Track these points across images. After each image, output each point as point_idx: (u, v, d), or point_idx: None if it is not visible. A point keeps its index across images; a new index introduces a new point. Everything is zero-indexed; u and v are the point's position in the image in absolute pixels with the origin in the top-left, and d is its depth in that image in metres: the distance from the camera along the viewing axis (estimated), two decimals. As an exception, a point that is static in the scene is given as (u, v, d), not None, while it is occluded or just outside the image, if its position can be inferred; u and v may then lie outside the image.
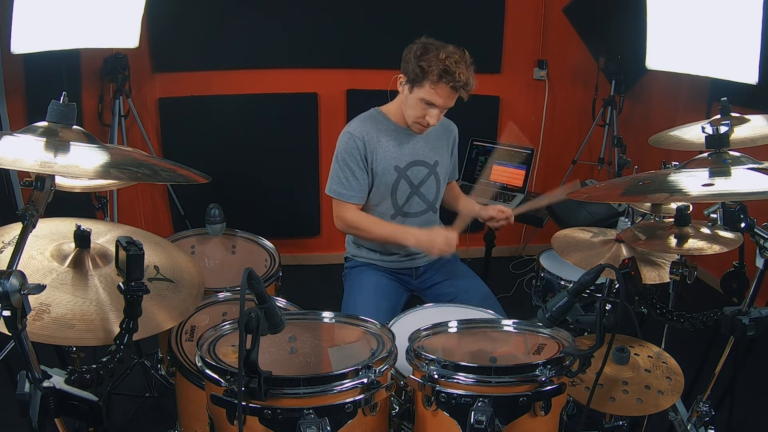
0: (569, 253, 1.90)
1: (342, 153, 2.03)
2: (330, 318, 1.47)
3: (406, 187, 2.09)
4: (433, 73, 1.86)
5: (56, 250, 1.27)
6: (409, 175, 2.08)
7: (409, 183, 2.09)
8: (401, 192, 2.09)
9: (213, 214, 2.04)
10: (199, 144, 3.56)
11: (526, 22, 3.81)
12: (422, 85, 1.90)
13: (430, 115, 1.94)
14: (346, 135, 2.04)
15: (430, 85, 1.88)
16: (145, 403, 2.40)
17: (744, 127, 1.85)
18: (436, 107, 1.93)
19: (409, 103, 1.98)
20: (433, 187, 2.14)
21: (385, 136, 2.06)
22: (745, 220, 1.37)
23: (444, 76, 1.85)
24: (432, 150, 2.12)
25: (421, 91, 1.91)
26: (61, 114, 1.12)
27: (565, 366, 1.25)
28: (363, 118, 2.09)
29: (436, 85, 1.88)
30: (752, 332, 1.40)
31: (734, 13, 2.81)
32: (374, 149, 2.04)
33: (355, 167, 2.02)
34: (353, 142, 2.02)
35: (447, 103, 1.94)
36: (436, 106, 1.93)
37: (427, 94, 1.90)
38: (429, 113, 1.94)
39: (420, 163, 2.09)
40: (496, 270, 3.23)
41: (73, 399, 1.08)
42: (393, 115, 2.09)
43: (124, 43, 3.04)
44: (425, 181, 2.11)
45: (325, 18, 3.53)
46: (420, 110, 1.95)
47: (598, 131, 3.89)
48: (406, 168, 2.07)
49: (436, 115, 1.95)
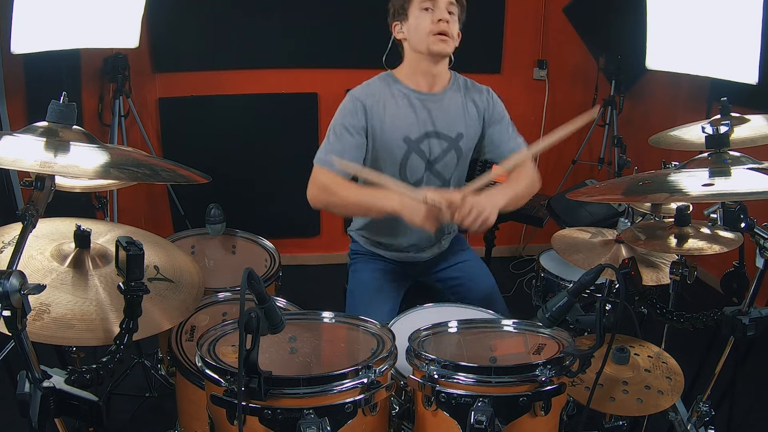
0: (569, 254, 1.90)
1: (337, 115, 1.86)
2: (330, 318, 1.47)
3: (419, 162, 1.86)
4: None
5: (56, 250, 1.27)
6: (423, 148, 1.86)
7: (423, 158, 1.86)
8: (412, 168, 1.86)
9: (213, 214, 2.04)
10: (199, 144, 3.56)
11: (526, 22, 3.81)
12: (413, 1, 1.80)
13: (438, 14, 1.76)
14: (348, 97, 1.88)
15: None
16: (145, 403, 2.40)
17: (744, 127, 1.85)
18: (437, 6, 1.77)
19: (413, 29, 1.82)
20: (452, 163, 1.90)
21: (395, 102, 1.85)
22: (745, 220, 1.37)
23: None
24: (455, 118, 1.88)
25: (415, 5, 1.80)
26: (61, 114, 1.12)
27: (565, 366, 1.25)
28: (370, 82, 1.91)
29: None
30: (752, 332, 1.40)
31: (734, 13, 2.81)
32: (378, 115, 1.83)
33: (344, 131, 1.81)
34: (351, 104, 1.85)
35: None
36: (437, 4, 1.77)
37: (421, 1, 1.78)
38: (438, 14, 1.76)
39: (435, 134, 1.87)
40: (496, 270, 3.20)
41: (73, 399, 1.08)
42: (405, 78, 1.89)
43: (124, 43, 3.05)
44: (442, 157, 1.88)
45: (325, 18, 3.53)
46: (425, 19, 1.78)
47: (598, 131, 3.89)
48: (420, 140, 1.85)
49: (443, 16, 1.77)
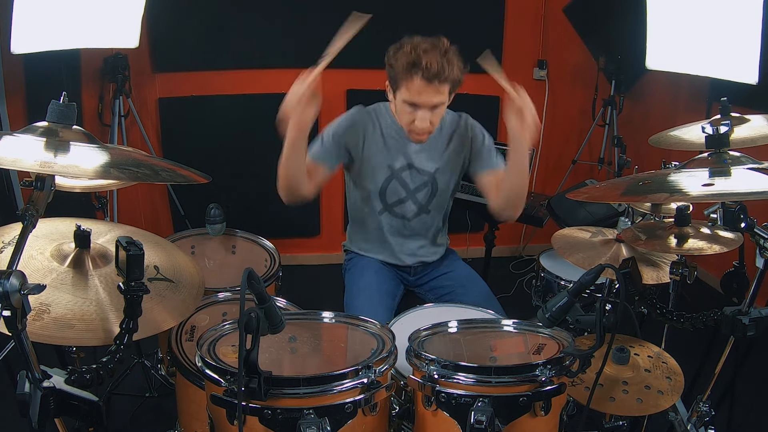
0: (569, 253, 1.90)
1: (333, 124, 1.94)
2: (330, 318, 1.47)
3: (399, 188, 1.98)
4: (402, 68, 1.71)
5: (56, 250, 1.27)
6: (404, 178, 1.98)
7: (405, 186, 1.99)
8: (392, 191, 1.99)
9: (213, 214, 2.04)
10: (199, 144, 3.56)
11: (526, 22, 3.81)
12: (399, 86, 1.76)
13: (418, 119, 1.77)
14: (348, 114, 1.97)
15: (404, 83, 1.73)
16: (145, 403, 2.40)
17: (744, 127, 1.85)
18: (420, 107, 1.75)
19: (398, 111, 1.84)
20: (428, 194, 2.01)
21: (387, 132, 1.96)
22: (745, 220, 1.37)
23: (412, 68, 1.69)
24: (432, 156, 1.98)
25: (400, 93, 1.76)
26: (61, 114, 1.12)
27: (565, 366, 1.25)
28: (369, 109, 1.99)
29: (408, 81, 1.71)
30: (752, 332, 1.40)
31: (734, 13, 2.80)
32: (371, 140, 1.94)
33: (332, 139, 1.89)
34: (352, 120, 1.94)
35: (429, 100, 1.74)
36: (419, 106, 1.75)
37: (404, 93, 1.75)
38: (416, 116, 1.77)
39: (415, 169, 1.98)
40: (496, 270, 3.23)
41: (73, 399, 1.08)
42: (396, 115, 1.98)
43: (124, 43, 3.04)
44: (421, 188, 2.00)
45: (325, 18, 3.51)
46: (407, 115, 1.79)
47: (598, 131, 3.89)
48: (401, 170, 1.97)
49: (424, 117, 1.77)
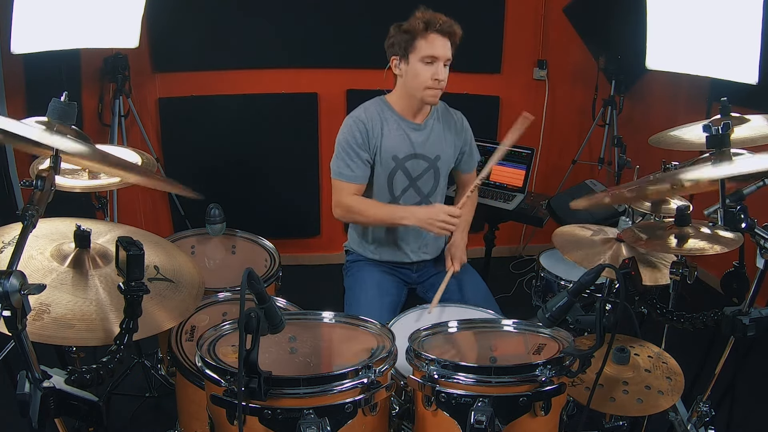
0: (570, 251, 1.90)
1: (345, 135, 2.05)
2: (330, 318, 1.47)
3: (403, 179, 2.10)
4: (419, 27, 1.93)
5: (56, 250, 1.27)
6: (407, 167, 2.08)
7: (407, 175, 2.09)
8: (398, 183, 2.10)
9: (213, 214, 2.04)
10: (199, 144, 3.56)
11: (526, 22, 3.81)
12: (415, 46, 1.94)
13: (437, 72, 1.95)
14: (350, 119, 2.06)
15: (422, 40, 1.93)
16: (145, 403, 2.40)
17: (744, 127, 1.85)
18: (438, 59, 1.94)
19: (411, 74, 1.98)
20: (431, 181, 2.13)
21: (388, 126, 2.06)
22: (746, 220, 1.36)
23: (429, 25, 1.92)
24: (434, 144, 2.11)
25: (417, 51, 1.94)
26: (61, 112, 1.13)
27: (565, 366, 1.25)
28: (367, 106, 2.10)
29: (426, 36, 1.93)
30: (752, 332, 1.39)
31: (734, 13, 2.80)
32: (377, 136, 2.05)
33: (358, 149, 2.03)
34: (356, 127, 2.04)
35: (445, 53, 1.95)
36: (438, 58, 1.94)
37: (423, 49, 1.94)
38: (436, 70, 1.95)
39: (419, 156, 2.09)
40: (496, 270, 3.23)
41: (73, 399, 1.08)
42: (395, 105, 2.09)
43: (124, 43, 3.04)
44: (423, 174, 2.11)
45: (324, 18, 3.52)
46: (425, 72, 1.96)
47: (598, 131, 3.89)
48: (405, 159, 2.08)
49: (443, 70, 1.96)
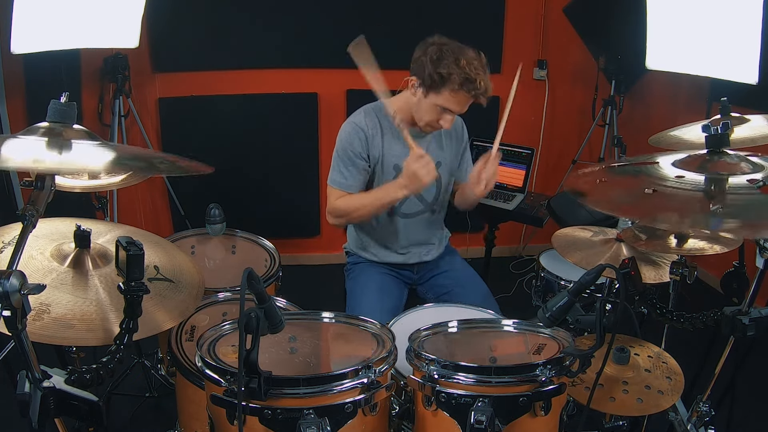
0: (570, 252, 1.90)
1: (343, 142, 2.00)
2: (330, 318, 1.47)
3: None
4: (454, 81, 1.79)
5: (56, 250, 1.27)
6: None
7: None
8: None
9: (213, 214, 2.04)
10: (199, 144, 3.55)
11: (526, 22, 3.81)
12: (440, 93, 1.83)
13: (444, 120, 1.89)
14: (350, 125, 2.02)
15: (450, 93, 1.82)
16: (145, 403, 2.40)
17: (744, 127, 1.85)
18: (452, 113, 1.89)
19: (422, 107, 1.91)
20: (433, 188, 2.10)
21: (388, 133, 2.02)
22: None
23: (465, 84, 1.79)
24: (435, 151, 2.07)
25: (439, 98, 1.84)
26: (61, 113, 1.12)
27: (565, 366, 1.25)
28: (367, 111, 2.05)
29: (456, 93, 1.81)
30: (752, 332, 1.39)
31: (734, 13, 2.80)
32: (376, 144, 2.01)
33: (355, 157, 1.99)
34: (355, 134, 1.99)
35: (464, 109, 1.89)
36: (453, 112, 1.88)
37: (445, 101, 1.84)
38: (444, 118, 1.89)
39: None
40: (496, 270, 3.22)
41: (73, 399, 1.08)
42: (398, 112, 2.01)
43: (124, 43, 3.04)
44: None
45: (324, 18, 3.53)
46: (435, 115, 1.90)
47: (598, 131, 3.89)
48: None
49: (451, 120, 1.91)
